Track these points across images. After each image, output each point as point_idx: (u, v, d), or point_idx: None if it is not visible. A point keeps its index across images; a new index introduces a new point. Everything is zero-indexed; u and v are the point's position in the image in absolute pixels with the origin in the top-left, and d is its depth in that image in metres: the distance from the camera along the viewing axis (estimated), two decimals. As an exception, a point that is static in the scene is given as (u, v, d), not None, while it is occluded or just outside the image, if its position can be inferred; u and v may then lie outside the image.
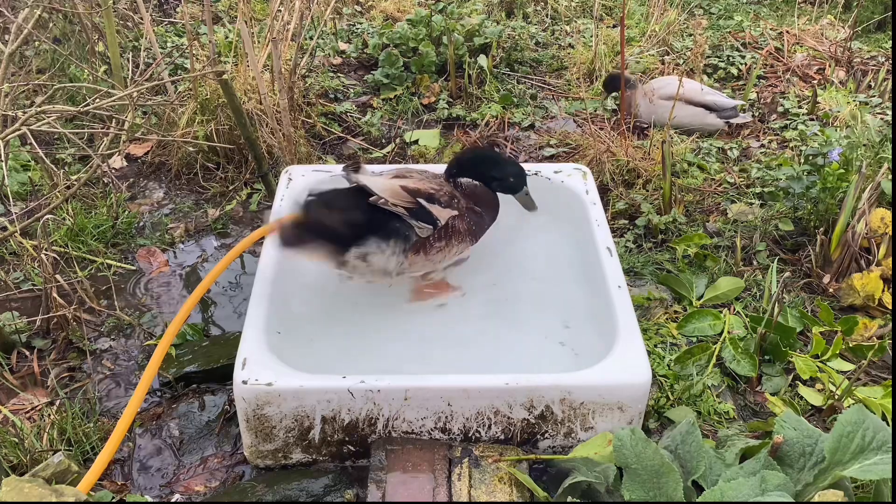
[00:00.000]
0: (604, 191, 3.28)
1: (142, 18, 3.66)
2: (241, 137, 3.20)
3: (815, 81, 4.34)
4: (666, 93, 3.76)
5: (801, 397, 2.37)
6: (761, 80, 4.39)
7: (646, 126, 3.81)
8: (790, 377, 2.43)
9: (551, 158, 3.65)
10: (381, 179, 2.30)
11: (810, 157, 3.03)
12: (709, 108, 3.78)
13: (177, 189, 3.40)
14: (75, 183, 2.83)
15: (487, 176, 2.43)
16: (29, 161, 3.36)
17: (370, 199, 2.21)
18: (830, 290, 2.79)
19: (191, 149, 3.42)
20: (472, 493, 1.89)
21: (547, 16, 5.10)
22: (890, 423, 2.21)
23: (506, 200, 2.53)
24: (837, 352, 2.50)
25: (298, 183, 2.74)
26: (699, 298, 2.74)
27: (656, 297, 2.72)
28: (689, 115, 3.74)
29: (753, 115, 3.98)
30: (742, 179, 3.47)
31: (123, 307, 2.70)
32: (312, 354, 2.24)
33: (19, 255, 2.90)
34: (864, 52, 4.70)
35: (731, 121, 3.81)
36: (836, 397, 2.31)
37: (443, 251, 2.34)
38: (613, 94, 3.97)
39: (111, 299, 2.73)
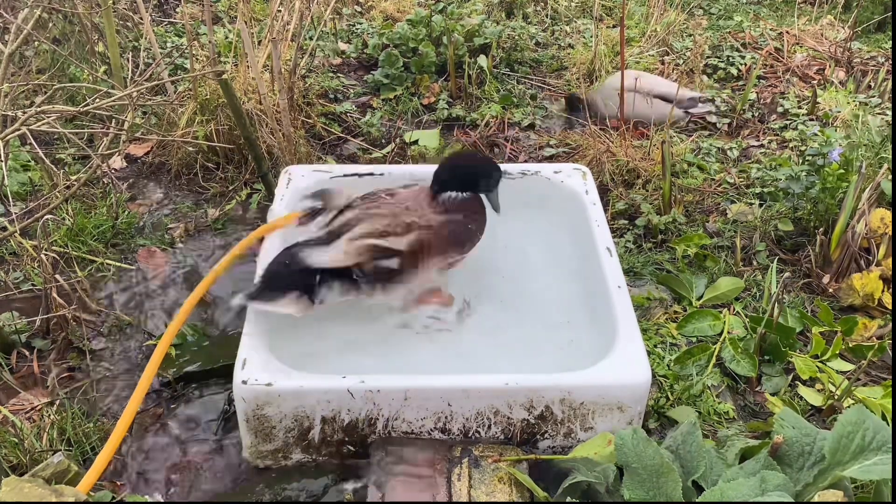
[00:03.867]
0: (603, 191, 3.28)
1: (142, 18, 3.66)
2: (240, 137, 3.20)
3: (815, 82, 4.34)
4: (625, 85, 3.77)
5: (801, 397, 2.37)
6: (761, 81, 4.39)
7: (608, 118, 3.82)
8: (790, 377, 2.43)
9: (551, 158, 3.65)
10: (332, 250, 2.21)
11: (810, 158, 3.03)
12: (666, 98, 3.76)
13: (177, 189, 3.40)
14: (75, 183, 2.83)
15: (471, 183, 2.37)
16: (29, 161, 3.36)
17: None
18: (830, 290, 2.79)
19: (191, 149, 3.41)
20: (472, 494, 1.89)
21: (547, 16, 5.10)
22: (890, 423, 2.21)
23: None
24: (837, 352, 2.50)
25: (298, 183, 2.74)
26: (699, 299, 2.74)
27: (656, 298, 2.72)
28: (644, 105, 3.73)
29: (715, 107, 3.96)
30: (742, 180, 3.47)
31: (123, 307, 2.70)
32: (312, 354, 2.24)
33: (19, 255, 2.90)
34: (863, 52, 4.70)
35: (691, 111, 3.81)
36: (836, 397, 2.31)
37: (405, 279, 2.29)
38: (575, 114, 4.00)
39: (111, 299, 2.73)
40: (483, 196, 2.40)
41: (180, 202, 3.31)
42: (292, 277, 2.19)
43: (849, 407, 2.24)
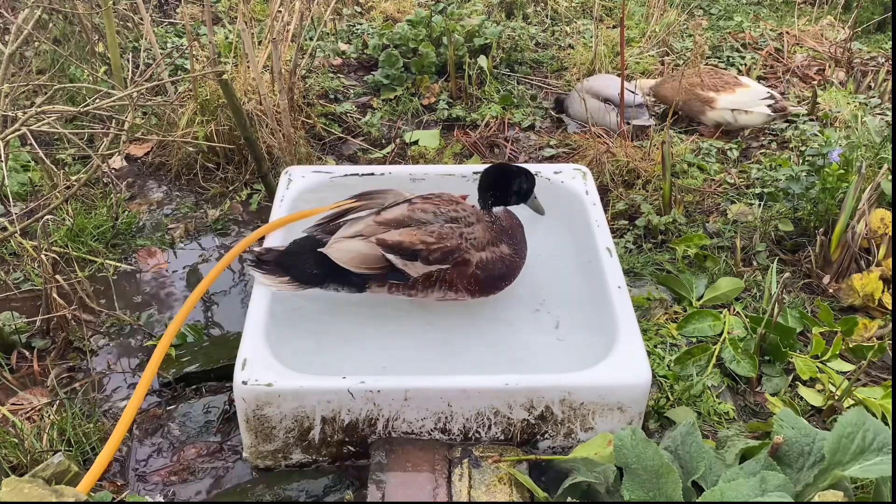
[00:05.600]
0: (604, 191, 3.28)
1: (142, 19, 3.66)
2: (240, 138, 3.20)
3: (815, 82, 4.34)
4: (587, 85, 3.80)
5: (801, 398, 2.37)
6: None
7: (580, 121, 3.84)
8: (790, 378, 2.43)
9: (551, 159, 3.65)
10: (353, 242, 2.22)
11: (810, 158, 3.03)
12: (612, 104, 3.69)
13: (177, 189, 3.40)
14: (75, 183, 2.83)
15: (506, 192, 2.36)
16: (29, 161, 3.36)
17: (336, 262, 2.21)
18: (830, 290, 2.79)
19: (191, 149, 3.42)
20: (472, 494, 1.89)
21: (547, 16, 5.10)
22: (890, 423, 2.21)
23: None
24: (837, 352, 2.50)
25: (298, 184, 2.74)
26: (699, 299, 2.74)
27: (656, 298, 2.72)
28: (592, 108, 3.69)
29: (654, 119, 3.85)
30: (742, 180, 3.47)
31: (123, 307, 2.70)
32: (312, 354, 2.24)
33: (19, 255, 2.90)
34: (863, 52, 4.70)
35: (631, 121, 3.67)
36: (836, 398, 2.31)
37: (414, 297, 2.31)
38: (562, 114, 4.00)
39: (111, 299, 2.73)
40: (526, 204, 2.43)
41: (180, 202, 3.31)
42: (301, 265, 2.24)
43: (849, 407, 2.24)
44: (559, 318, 2.41)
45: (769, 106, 3.76)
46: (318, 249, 2.22)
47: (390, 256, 2.19)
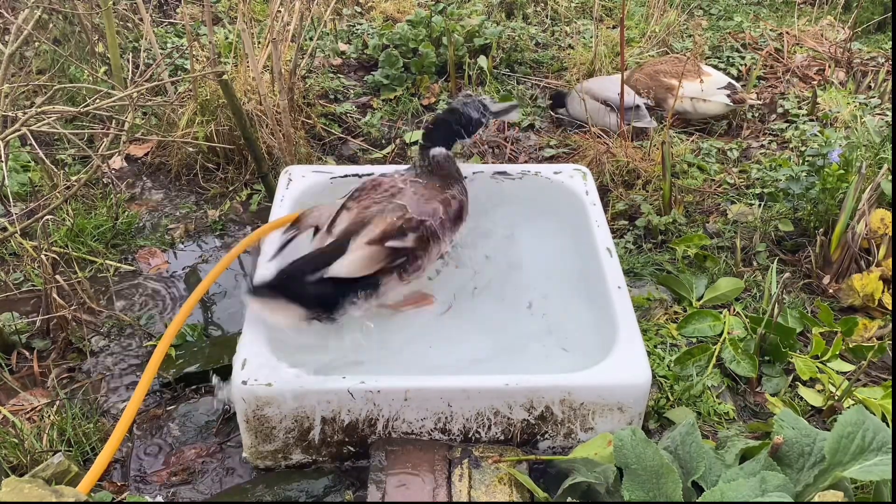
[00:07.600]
0: (604, 191, 3.28)
1: (142, 19, 3.66)
2: (240, 138, 3.20)
3: (815, 82, 4.34)
4: (586, 87, 3.80)
5: (801, 398, 2.37)
6: (761, 81, 4.39)
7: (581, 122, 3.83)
8: (790, 378, 2.43)
9: (551, 159, 3.65)
10: (349, 255, 2.16)
11: (810, 158, 3.03)
12: (610, 105, 3.67)
13: (177, 190, 3.40)
14: (75, 183, 2.83)
15: (461, 130, 2.48)
16: (29, 161, 3.37)
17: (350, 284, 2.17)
18: (830, 290, 2.79)
19: (191, 149, 3.42)
20: (472, 494, 1.89)
21: (547, 17, 5.10)
22: (890, 423, 2.21)
23: (506, 201, 2.52)
24: (837, 352, 2.50)
25: (298, 184, 2.74)
26: (699, 299, 2.74)
27: (656, 298, 2.72)
28: (591, 109, 3.68)
29: (656, 121, 3.81)
30: (742, 180, 3.47)
31: (123, 308, 2.70)
32: (312, 354, 2.24)
33: (19, 255, 2.90)
34: (863, 52, 4.70)
35: (632, 122, 3.63)
36: (836, 398, 2.31)
37: (422, 269, 2.32)
38: (559, 109, 3.99)
39: (111, 300, 2.73)
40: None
41: (180, 203, 3.31)
42: (306, 289, 2.12)
43: (849, 407, 2.24)
44: (558, 319, 2.41)
45: (728, 96, 3.75)
46: (325, 276, 2.14)
47: (389, 243, 2.19)
